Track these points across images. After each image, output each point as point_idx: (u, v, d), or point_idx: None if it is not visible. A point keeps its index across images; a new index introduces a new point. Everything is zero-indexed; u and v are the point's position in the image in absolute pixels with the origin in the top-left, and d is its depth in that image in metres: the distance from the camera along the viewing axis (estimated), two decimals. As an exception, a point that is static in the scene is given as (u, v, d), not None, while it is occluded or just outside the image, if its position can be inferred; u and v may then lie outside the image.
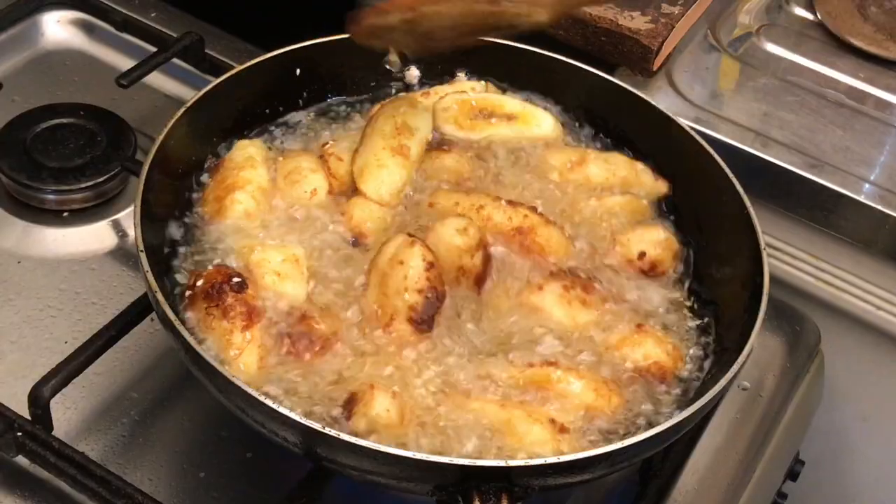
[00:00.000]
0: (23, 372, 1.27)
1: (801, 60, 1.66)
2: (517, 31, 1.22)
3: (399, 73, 1.41)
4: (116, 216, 1.49)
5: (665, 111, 1.34)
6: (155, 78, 1.62)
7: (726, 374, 1.09)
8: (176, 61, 1.61)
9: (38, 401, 1.17)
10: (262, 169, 1.28)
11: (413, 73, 1.42)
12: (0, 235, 1.45)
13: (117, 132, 1.53)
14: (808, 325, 1.51)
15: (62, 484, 1.18)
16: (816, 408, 1.52)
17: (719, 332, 1.22)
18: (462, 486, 1.00)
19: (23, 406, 1.18)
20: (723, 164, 1.28)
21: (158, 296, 1.08)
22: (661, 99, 1.53)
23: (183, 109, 1.26)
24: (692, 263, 1.28)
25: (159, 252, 1.19)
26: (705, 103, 1.58)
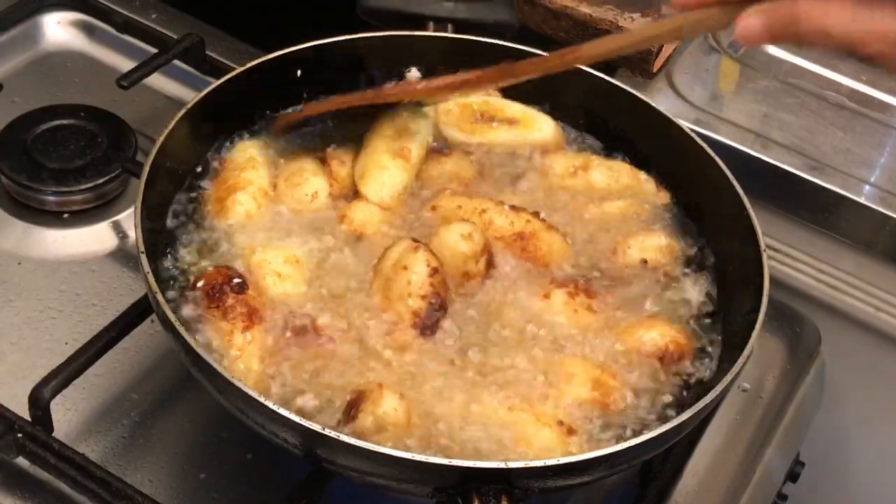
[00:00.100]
0: (23, 373, 1.27)
1: (802, 62, 1.66)
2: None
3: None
4: (117, 217, 1.49)
5: (665, 113, 1.34)
6: (155, 79, 1.62)
7: (726, 376, 1.09)
8: (176, 63, 1.61)
9: (38, 402, 1.17)
10: (264, 170, 1.28)
11: (414, 75, 1.42)
12: (0, 236, 1.45)
13: (118, 133, 1.53)
14: (808, 326, 1.51)
15: (62, 485, 1.18)
16: (817, 409, 1.52)
17: (722, 333, 1.22)
18: (462, 487, 1.00)
19: (23, 407, 1.18)
20: (723, 166, 1.27)
21: (159, 297, 1.08)
22: (661, 101, 1.53)
23: (183, 111, 1.26)
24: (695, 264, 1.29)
25: (160, 253, 1.19)
26: (705, 105, 1.58)
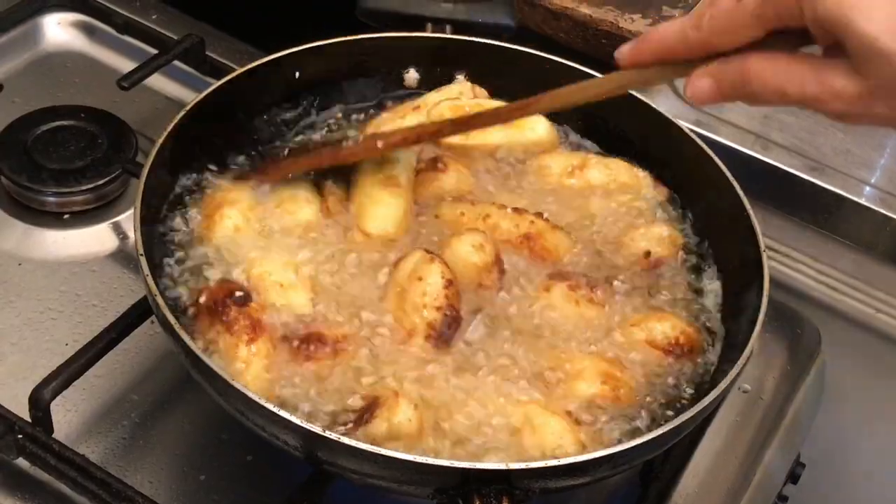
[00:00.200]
0: (23, 374, 1.27)
1: (802, 63, 1.66)
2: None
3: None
4: (117, 218, 1.49)
5: (665, 114, 1.34)
6: (156, 80, 1.62)
7: (727, 377, 1.09)
8: (177, 63, 1.61)
9: (38, 403, 1.17)
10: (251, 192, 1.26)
11: (412, 76, 1.42)
12: (0, 237, 1.45)
13: (118, 134, 1.53)
14: (808, 327, 1.51)
15: (62, 486, 1.18)
16: (817, 410, 1.51)
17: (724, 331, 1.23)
18: (462, 488, 1.00)
19: (23, 408, 1.18)
20: (723, 167, 1.27)
21: (158, 299, 1.08)
22: (661, 101, 1.53)
23: (184, 112, 1.25)
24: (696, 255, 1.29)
25: (160, 257, 1.19)
26: (705, 106, 1.58)
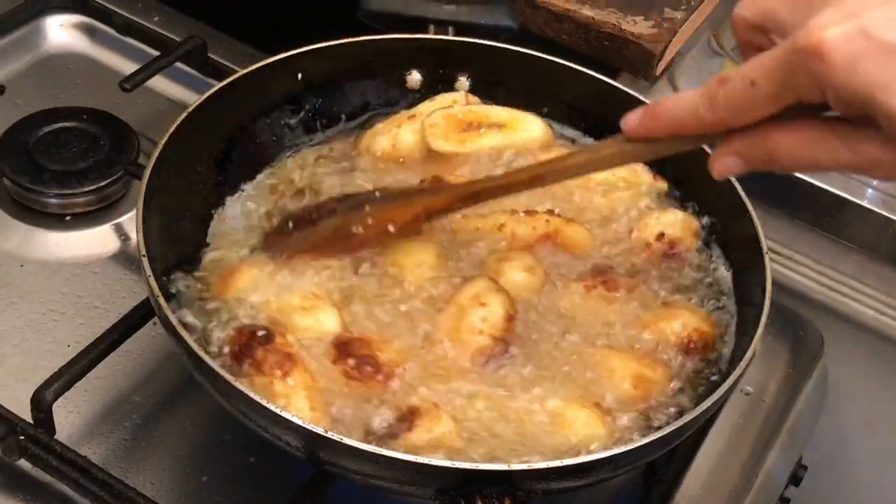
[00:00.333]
0: (25, 375, 1.27)
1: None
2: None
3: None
4: (119, 220, 1.49)
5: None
6: (158, 82, 1.62)
7: (729, 379, 1.09)
8: (179, 65, 1.60)
9: (40, 404, 1.17)
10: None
11: (415, 78, 1.42)
12: (2, 239, 1.45)
13: (120, 136, 1.53)
14: (811, 329, 1.51)
15: (64, 487, 1.18)
16: (819, 413, 1.51)
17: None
18: (464, 489, 1.00)
19: (25, 410, 1.18)
20: (725, 169, 1.27)
21: (160, 300, 1.08)
22: (663, 103, 1.53)
23: (185, 113, 1.25)
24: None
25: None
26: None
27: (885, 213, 1.48)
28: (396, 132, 1.34)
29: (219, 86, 1.30)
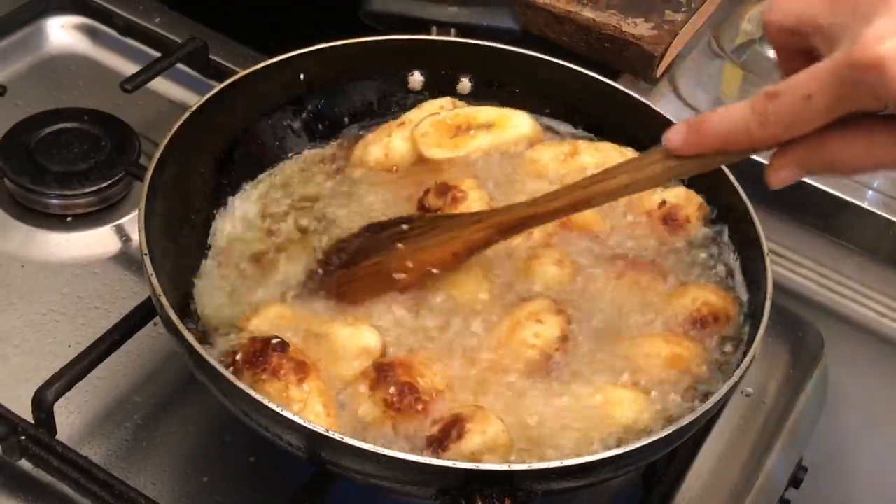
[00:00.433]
0: (26, 376, 1.27)
1: (805, 67, 1.66)
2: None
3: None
4: (120, 221, 1.49)
5: (668, 117, 1.34)
6: (159, 83, 1.62)
7: (729, 380, 1.09)
8: (180, 66, 1.61)
9: (41, 405, 1.17)
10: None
11: (417, 79, 1.42)
12: (3, 239, 1.45)
13: (121, 137, 1.53)
14: (811, 331, 1.51)
15: (65, 488, 1.18)
16: (819, 414, 1.51)
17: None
18: (465, 489, 1.00)
19: (26, 410, 1.18)
20: (726, 170, 1.27)
21: (162, 300, 1.08)
22: (664, 105, 1.53)
23: (187, 114, 1.26)
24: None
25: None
26: (708, 110, 1.58)
27: (885, 214, 1.48)
28: (388, 141, 1.34)
29: (220, 87, 1.30)
